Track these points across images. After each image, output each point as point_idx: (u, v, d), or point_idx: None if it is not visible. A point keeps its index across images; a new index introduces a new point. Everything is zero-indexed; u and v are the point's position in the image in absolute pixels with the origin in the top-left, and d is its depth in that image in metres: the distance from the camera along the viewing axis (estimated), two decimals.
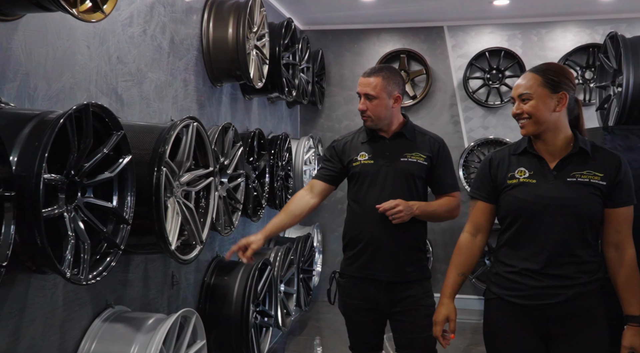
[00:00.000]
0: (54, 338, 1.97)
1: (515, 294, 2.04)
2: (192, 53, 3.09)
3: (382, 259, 2.47)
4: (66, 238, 1.64)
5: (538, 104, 1.98)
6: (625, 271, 1.99)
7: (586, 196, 1.97)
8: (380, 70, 2.50)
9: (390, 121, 2.53)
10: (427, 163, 2.50)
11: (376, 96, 2.46)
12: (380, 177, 2.49)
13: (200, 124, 2.42)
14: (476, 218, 2.19)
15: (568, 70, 2.05)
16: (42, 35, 1.89)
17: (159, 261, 2.73)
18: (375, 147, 2.54)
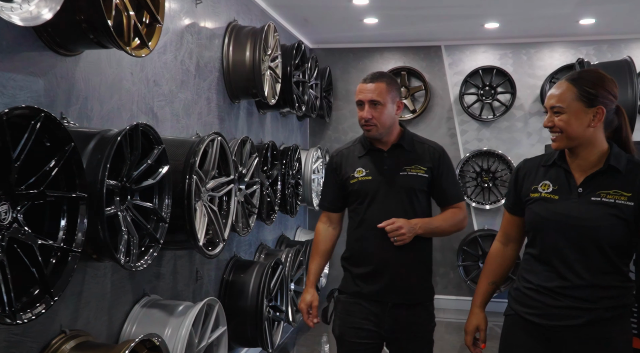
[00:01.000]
0: (103, 319, 2.35)
1: (532, 312, 1.92)
2: (214, 74, 3.49)
3: (387, 280, 2.33)
4: (120, 233, 2.02)
5: (570, 119, 1.81)
6: None
7: (608, 219, 1.79)
8: (382, 75, 2.37)
9: (390, 131, 2.37)
10: (428, 175, 2.36)
11: (382, 102, 2.31)
12: (380, 194, 2.34)
13: (224, 138, 2.80)
14: (505, 228, 2.10)
15: (608, 79, 1.85)
16: (97, 66, 2.29)
17: (185, 258, 3.10)
18: (372, 161, 2.39)
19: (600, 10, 4.52)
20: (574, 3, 4.29)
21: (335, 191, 2.47)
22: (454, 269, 5.70)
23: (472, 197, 5.60)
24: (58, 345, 2.02)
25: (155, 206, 2.25)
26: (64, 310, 2.09)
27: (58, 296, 1.60)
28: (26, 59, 1.90)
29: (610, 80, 1.85)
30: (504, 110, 5.52)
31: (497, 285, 2.12)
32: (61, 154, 1.62)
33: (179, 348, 2.44)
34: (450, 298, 5.67)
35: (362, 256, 2.38)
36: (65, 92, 2.10)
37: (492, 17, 4.82)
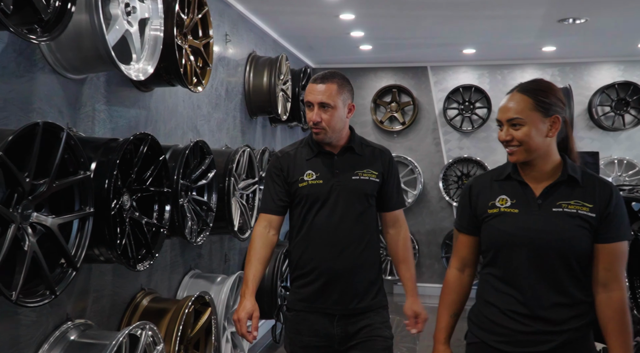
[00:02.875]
0: (165, 284, 3.17)
1: (501, 340, 1.79)
2: (239, 96, 4.32)
3: (336, 290, 2.19)
4: (186, 218, 2.84)
5: (531, 130, 1.73)
6: (612, 315, 1.73)
7: (573, 229, 1.73)
8: (333, 75, 2.20)
9: (341, 134, 2.23)
10: (379, 179, 2.26)
11: (332, 105, 2.15)
12: (331, 198, 2.19)
13: (251, 149, 3.63)
14: (460, 252, 1.94)
15: (558, 89, 1.81)
16: (162, 98, 3.11)
17: (217, 244, 3.92)
18: (322, 164, 2.23)
19: (557, 40, 5.37)
20: (534, 35, 5.13)
21: (280, 193, 2.25)
22: (439, 260, 6.53)
23: (454, 198, 6.44)
24: (140, 298, 2.84)
25: (206, 200, 3.07)
26: (143, 273, 2.91)
27: (157, 255, 2.42)
28: (124, 96, 2.73)
29: (559, 89, 1.81)
30: (481, 122, 6.36)
31: (457, 316, 1.96)
32: (157, 163, 2.44)
33: (220, 307, 3.26)
34: (435, 286, 6.48)
35: (308, 266, 2.21)
36: (144, 117, 2.92)
37: (469, 45, 5.67)
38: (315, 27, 4.94)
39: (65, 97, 2.27)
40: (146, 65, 2.43)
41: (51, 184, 1.76)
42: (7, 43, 1.95)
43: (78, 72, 2.31)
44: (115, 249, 2.13)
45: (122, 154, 2.15)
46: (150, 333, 2.41)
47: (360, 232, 2.22)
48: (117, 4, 2.21)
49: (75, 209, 1.91)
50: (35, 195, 1.71)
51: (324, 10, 4.34)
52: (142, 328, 2.37)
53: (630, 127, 6.05)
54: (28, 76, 2.06)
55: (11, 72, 1.98)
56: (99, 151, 2.15)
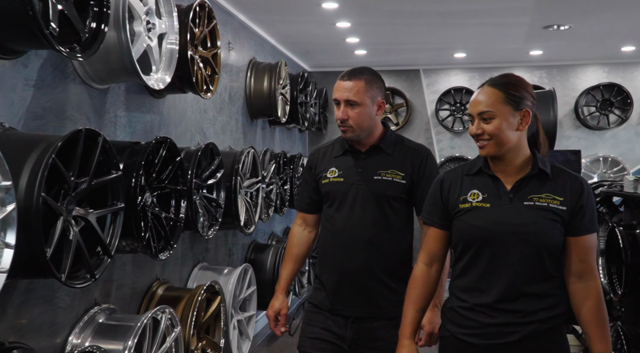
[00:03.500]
0: (177, 275, 3.43)
1: (469, 333, 1.81)
2: (240, 100, 4.58)
3: (350, 292, 2.17)
4: (198, 213, 3.10)
5: (501, 124, 1.73)
6: (591, 304, 1.77)
7: (545, 222, 1.75)
8: (361, 72, 2.15)
9: (371, 132, 2.19)
10: (405, 181, 2.16)
11: (359, 103, 2.11)
12: (349, 198, 2.17)
13: (255, 150, 3.89)
14: (429, 247, 1.92)
15: (527, 83, 1.82)
16: (173, 104, 3.37)
17: (222, 239, 4.18)
18: (348, 162, 2.22)
19: (543, 45, 5.67)
20: (521, 41, 5.42)
21: (311, 191, 2.31)
22: None
23: None
24: (156, 287, 3.10)
25: (215, 197, 3.34)
26: (157, 264, 3.17)
27: (175, 245, 2.68)
28: (140, 103, 2.98)
29: (529, 84, 1.82)
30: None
31: (424, 311, 1.94)
32: (174, 163, 2.70)
33: (228, 296, 3.52)
34: None
35: (327, 264, 2.24)
36: (158, 122, 3.18)
37: (459, 49, 5.96)
38: (312, 34, 5.22)
39: (92, 105, 2.53)
40: (164, 75, 2.69)
41: (90, 182, 2.02)
42: (45, 58, 2.21)
43: (103, 82, 2.57)
44: (141, 240, 2.39)
45: (146, 157, 2.41)
46: (169, 316, 2.67)
47: (378, 234, 2.14)
48: (139, 22, 2.47)
49: (108, 205, 2.17)
50: (77, 192, 1.97)
51: (321, 19, 4.61)
52: (162, 311, 2.63)
53: (615, 126, 6.36)
54: (62, 87, 2.32)
55: (48, 84, 2.24)
56: (125, 153, 2.42)
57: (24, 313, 2.12)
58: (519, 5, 4.19)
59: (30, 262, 1.79)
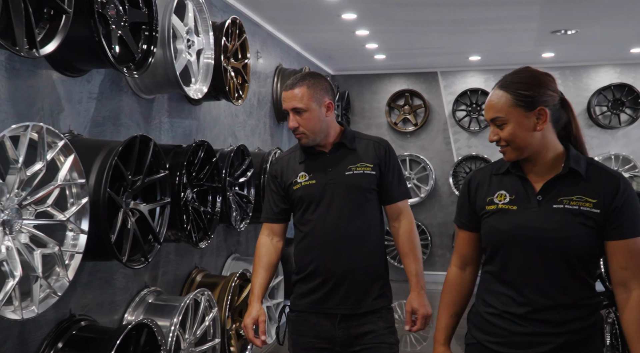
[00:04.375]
0: (212, 265, 3.80)
1: (495, 340, 1.72)
2: (268, 105, 4.94)
3: (337, 291, 2.16)
4: (231, 208, 3.46)
5: (515, 129, 1.63)
6: (632, 315, 1.61)
7: (575, 228, 1.61)
8: (303, 78, 2.18)
9: (327, 133, 2.21)
10: (375, 172, 2.20)
11: (305, 109, 2.14)
12: (326, 197, 2.18)
13: (281, 150, 4.24)
14: (461, 249, 1.86)
15: (541, 74, 1.67)
16: (208, 110, 3.75)
17: (253, 233, 4.55)
18: (314, 164, 2.23)
19: (554, 48, 5.90)
20: (532, 44, 5.67)
21: (277, 200, 2.29)
22: (450, 250, 7.10)
23: None
24: (195, 274, 3.48)
25: (246, 193, 3.70)
26: (195, 254, 3.55)
27: (212, 236, 3.04)
28: (180, 110, 3.36)
29: (544, 75, 1.67)
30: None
31: (459, 316, 1.87)
32: (210, 164, 3.07)
33: None
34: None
35: (308, 268, 2.21)
36: (195, 127, 3.56)
37: (474, 53, 6.23)
38: (334, 41, 5.55)
39: (141, 113, 2.91)
40: (201, 85, 3.06)
41: (143, 180, 2.39)
42: (105, 75, 2.59)
43: (150, 93, 2.95)
44: (184, 230, 2.76)
45: (187, 158, 2.78)
46: (207, 298, 3.04)
47: (360, 228, 2.17)
48: (181, 40, 2.84)
49: (158, 199, 2.54)
50: (134, 188, 2.34)
51: (342, 27, 4.94)
52: (202, 294, 3.00)
53: (626, 125, 6.56)
54: (117, 98, 2.70)
55: (106, 96, 2.62)
56: (170, 155, 2.79)
57: (89, 291, 2.50)
58: (525, 13, 4.46)
59: (98, 246, 2.16)
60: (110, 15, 2.25)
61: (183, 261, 3.37)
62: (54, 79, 2.29)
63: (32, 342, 2.17)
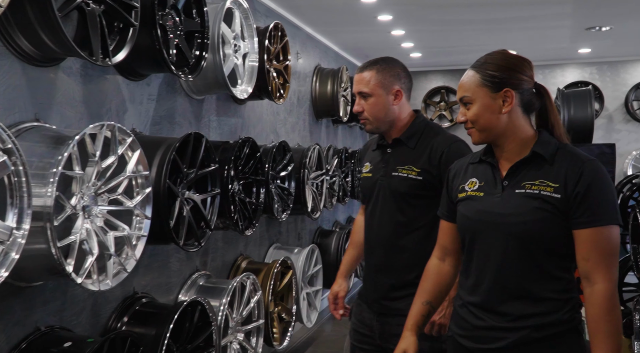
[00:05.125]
0: (256, 253, 4.08)
1: (462, 334, 1.69)
2: (307, 103, 5.19)
3: (372, 286, 2.17)
4: (273, 200, 3.72)
5: (479, 109, 1.59)
6: (591, 312, 1.52)
7: (532, 212, 1.54)
8: (374, 62, 2.11)
9: (392, 123, 2.11)
10: (422, 177, 2.03)
11: (371, 94, 2.06)
12: (374, 194, 2.15)
13: (320, 146, 4.48)
14: (441, 240, 1.83)
15: (515, 58, 1.63)
16: (252, 108, 4.02)
17: (292, 224, 4.81)
18: (377, 156, 2.18)
19: (590, 44, 5.96)
20: (567, 41, 5.75)
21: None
22: None
23: None
24: (240, 261, 3.76)
25: (287, 187, 3.95)
26: (240, 242, 3.82)
27: (257, 225, 3.31)
28: (227, 109, 3.64)
29: (519, 59, 1.63)
30: None
31: (432, 305, 1.81)
32: (255, 159, 3.33)
33: (298, 271, 4.14)
34: None
35: (364, 258, 2.28)
36: (240, 124, 3.83)
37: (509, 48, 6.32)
38: (370, 41, 5.76)
39: (192, 112, 3.20)
40: (247, 86, 3.32)
41: (197, 172, 2.67)
42: (162, 78, 2.88)
43: (201, 94, 3.23)
44: (231, 219, 3.03)
45: (234, 153, 3.05)
46: (252, 282, 3.31)
47: (394, 233, 2.10)
48: (229, 46, 3.11)
49: (209, 190, 2.81)
50: (188, 180, 2.62)
51: (378, 28, 5.14)
52: (247, 278, 3.27)
53: None
54: (172, 99, 2.99)
55: (163, 98, 2.91)
56: (219, 150, 3.06)
57: (149, 273, 2.80)
58: (558, 11, 4.57)
59: (159, 231, 2.44)
60: (168, 26, 2.53)
61: (230, 248, 3.65)
62: (120, 83, 2.58)
63: (103, 314, 2.47)
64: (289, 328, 3.90)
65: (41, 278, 2.08)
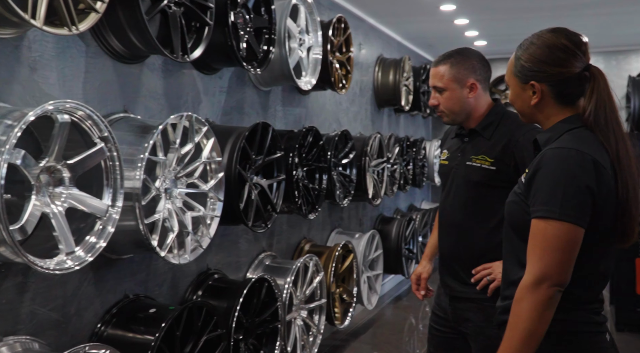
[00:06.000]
0: (318, 236, 4.27)
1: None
2: (369, 92, 5.32)
3: (445, 270, 2.22)
4: (335, 186, 3.90)
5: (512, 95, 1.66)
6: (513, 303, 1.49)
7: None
8: (448, 56, 2.13)
9: (469, 114, 2.13)
10: (495, 167, 2.05)
11: (445, 88, 2.11)
12: (449, 181, 2.20)
13: (381, 135, 4.62)
14: None
15: (556, 49, 1.59)
16: (315, 98, 4.20)
17: (354, 211, 4.98)
18: (455, 145, 2.23)
19: None
20: None
21: None
22: None
23: None
24: (304, 243, 3.97)
25: (348, 174, 4.12)
26: (304, 225, 4.03)
27: (319, 209, 3.50)
28: (292, 99, 3.84)
29: (562, 48, 1.59)
30: None
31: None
32: (318, 147, 3.51)
33: (359, 255, 4.31)
34: None
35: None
36: (304, 114, 4.03)
37: None
38: (434, 31, 5.81)
39: (260, 103, 3.42)
40: (310, 78, 3.50)
41: (264, 159, 2.88)
42: (232, 72, 3.11)
43: (267, 85, 3.44)
44: (295, 203, 3.23)
45: (298, 141, 3.24)
46: (315, 263, 3.51)
47: (467, 221, 2.14)
48: (294, 40, 3.29)
49: (275, 176, 3.02)
50: (256, 166, 2.84)
51: (441, 18, 5.19)
52: (310, 259, 3.47)
53: None
54: (241, 91, 3.22)
55: (233, 90, 3.14)
56: (284, 139, 3.26)
57: (220, 252, 3.05)
58: None
59: (230, 212, 2.67)
60: (239, 23, 2.74)
61: (294, 231, 3.87)
62: (195, 77, 2.82)
63: (181, 287, 2.74)
64: (349, 309, 4.08)
65: (130, 252, 2.35)
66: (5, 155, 1.51)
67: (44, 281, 2.05)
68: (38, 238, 1.91)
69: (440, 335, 2.23)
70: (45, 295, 2.06)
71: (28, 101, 1.95)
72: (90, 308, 2.25)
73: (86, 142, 1.88)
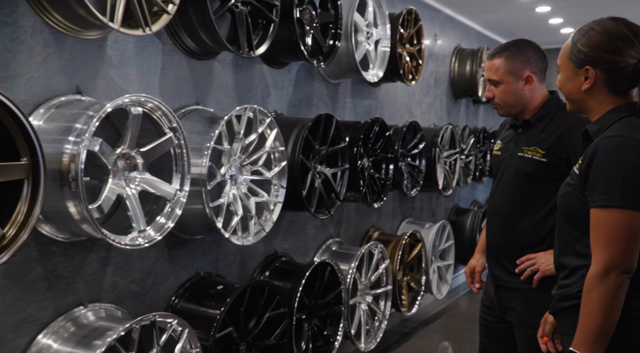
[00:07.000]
0: (388, 226, 4.35)
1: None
2: (445, 83, 5.30)
3: (492, 260, 2.24)
4: (403, 176, 3.96)
5: (562, 79, 1.68)
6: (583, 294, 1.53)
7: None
8: (504, 49, 2.14)
9: (524, 106, 2.14)
10: (547, 159, 2.05)
11: (500, 81, 2.12)
12: (500, 172, 2.21)
13: (453, 126, 4.60)
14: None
15: (616, 36, 1.58)
16: (386, 90, 4.26)
17: (426, 201, 5.00)
18: (508, 136, 2.24)
19: None
20: None
21: None
22: None
23: None
24: (372, 232, 4.07)
25: (417, 164, 4.16)
26: (373, 214, 4.13)
27: (385, 198, 3.59)
28: (361, 91, 3.93)
29: (622, 37, 1.58)
30: None
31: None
32: (384, 137, 3.59)
33: (428, 245, 4.34)
34: None
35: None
36: (374, 105, 4.11)
37: None
38: (515, 19, 5.65)
39: (328, 95, 3.54)
40: (378, 71, 3.58)
41: (328, 149, 3.01)
42: (301, 65, 3.26)
43: (336, 78, 3.56)
44: (360, 192, 3.34)
45: (364, 132, 3.34)
46: (380, 251, 3.60)
47: (516, 211, 2.14)
48: (361, 33, 3.39)
49: (339, 165, 3.14)
50: (320, 155, 2.97)
51: (521, 6, 5.06)
52: (375, 246, 3.57)
53: None
54: (310, 84, 3.36)
55: (302, 83, 3.29)
56: (350, 129, 3.37)
57: (288, 236, 3.23)
58: None
59: (293, 199, 2.83)
60: (305, 19, 2.88)
61: (363, 220, 3.98)
62: (264, 71, 3.00)
63: (249, 268, 2.94)
64: (417, 297, 4.14)
65: (199, 233, 2.57)
66: (85, 142, 1.73)
67: (124, 257, 2.31)
68: (118, 218, 2.16)
69: (489, 324, 2.26)
70: (126, 269, 2.32)
71: (110, 95, 2.20)
72: (165, 282, 2.49)
73: (158, 132, 2.10)
